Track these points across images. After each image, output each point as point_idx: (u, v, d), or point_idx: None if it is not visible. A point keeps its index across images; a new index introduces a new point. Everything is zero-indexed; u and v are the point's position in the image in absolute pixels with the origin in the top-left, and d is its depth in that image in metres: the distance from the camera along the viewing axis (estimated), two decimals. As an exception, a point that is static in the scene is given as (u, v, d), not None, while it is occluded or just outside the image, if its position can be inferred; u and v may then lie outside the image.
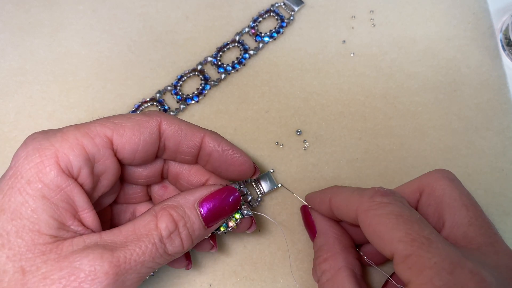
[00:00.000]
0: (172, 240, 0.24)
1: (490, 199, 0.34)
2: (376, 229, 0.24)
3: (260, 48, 0.38)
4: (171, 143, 0.27)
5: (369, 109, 0.36)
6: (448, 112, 0.36)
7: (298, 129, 0.36)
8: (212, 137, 0.27)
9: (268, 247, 0.32)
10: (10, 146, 0.35)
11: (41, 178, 0.22)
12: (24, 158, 0.22)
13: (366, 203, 0.25)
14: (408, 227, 0.23)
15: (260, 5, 0.40)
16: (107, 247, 0.22)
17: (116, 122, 0.25)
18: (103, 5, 0.40)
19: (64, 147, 0.23)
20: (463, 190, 0.25)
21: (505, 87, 0.37)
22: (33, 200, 0.22)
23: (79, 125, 0.24)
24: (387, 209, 0.24)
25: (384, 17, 0.40)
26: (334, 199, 0.28)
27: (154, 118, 0.26)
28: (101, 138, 0.24)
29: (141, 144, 0.25)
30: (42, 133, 0.24)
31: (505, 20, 0.40)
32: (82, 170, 0.23)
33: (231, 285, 0.31)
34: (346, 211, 0.26)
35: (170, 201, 0.26)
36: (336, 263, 0.27)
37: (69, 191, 0.23)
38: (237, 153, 0.28)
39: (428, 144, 0.35)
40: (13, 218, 0.22)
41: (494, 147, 0.35)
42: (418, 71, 0.38)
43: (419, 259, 0.21)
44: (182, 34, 0.39)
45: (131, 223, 0.24)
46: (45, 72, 0.37)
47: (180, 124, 0.27)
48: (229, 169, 0.28)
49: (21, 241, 0.22)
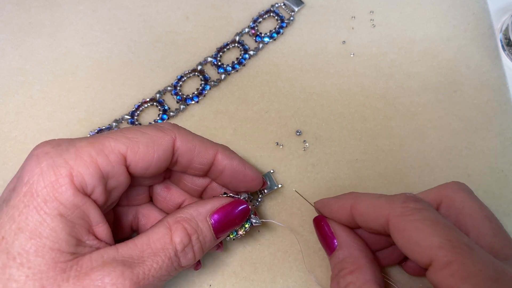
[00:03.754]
0: (186, 253, 0.25)
1: (489, 200, 0.34)
2: (412, 235, 0.23)
3: (260, 48, 0.38)
4: (184, 159, 0.27)
5: (369, 109, 0.36)
6: (448, 113, 0.36)
7: (298, 129, 0.36)
8: (225, 154, 0.27)
9: (267, 247, 0.32)
10: (10, 146, 0.35)
11: (57, 197, 0.22)
12: (38, 175, 0.22)
13: (398, 209, 0.24)
14: (447, 233, 0.22)
15: (260, 5, 0.40)
16: (126, 263, 0.23)
17: (130, 138, 0.24)
18: (103, 6, 0.40)
19: (78, 165, 0.23)
20: (482, 203, 0.25)
21: (505, 88, 0.37)
22: (51, 219, 0.22)
23: (92, 140, 0.24)
24: (423, 214, 0.23)
25: (384, 18, 0.40)
26: (358, 205, 0.26)
27: (168, 134, 0.26)
28: (115, 155, 0.24)
29: (154, 161, 0.25)
30: (54, 146, 0.23)
31: (505, 20, 0.40)
32: (96, 188, 0.23)
33: (230, 285, 0.31)
34: (374, 218, 0.25)
35: (183, 213, 0.26)
36: (363, 276, 0.26)
37: (85, 208, 0.23)
38: (249, 169, 0.29)
39: (427, 145, 0.35)
40: (31, 237, 0.21)
41: (494, 147, 0.35)
42: (418, 72, 0.38)
43: (462, 266, 0.21)
44: (182, 35, 0.39)
45: (145, 236, 0.24)
46: (45, 72, 0.37)
47: (193, 140, 0.26)
48: (239, 185, 0.29)
49: (41, 259, 0.22)
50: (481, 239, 0.24)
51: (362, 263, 0.26)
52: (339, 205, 0.28)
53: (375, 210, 0.25)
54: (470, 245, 0.22)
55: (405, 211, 0.24)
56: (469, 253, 0.21)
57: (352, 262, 0.27)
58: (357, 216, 0.26)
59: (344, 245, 0.28)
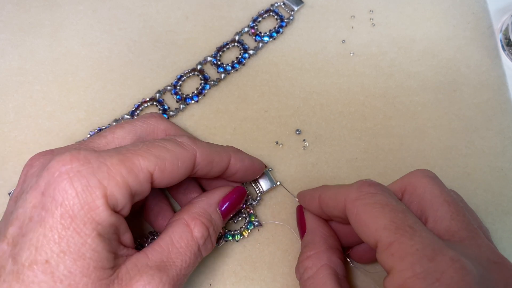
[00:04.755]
0: (206, 245, 0.27)
1: (489, 199, 0.34)
2: (362, 218, 0.24)
3: (259, 48, 0.38)
4: (202, 171, 0.28)
5: (369, 108, 0.36)
6: (448, 112, 0.36)
7: (298, 128, 0.36)
8: (237, 157, 0.30)
9: (267, 246, 0.32)
10: (10, 146, 0.35)
11: (95, 218, 0.22)
12: (74, 197, 0.22)
13: (354, 193, 0.25)
14: (393, 215, 0.23)
15: (260, 5, 0.40)
16: (160, 268, 0.24)
17: (158, 156, 0.25)
18: (103, 6, 0.40)
19: (112, 186, 0.23)
20: (444, 188, 0.26)
21: (505, 87, 0.37)
22: (92, 240, 0.22)
23: (122, 158, 0.24)
24: (374, 198, 0.25)
25: (383, 17, 0.40)
26: (323, 195, 0.28)
27: (190, 151, 0.27)
28: (144, 174, 0.24)
29: (177, 177, 0.26)
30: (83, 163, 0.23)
31: (505, 20, 0.40)
32: (126, 206, 0.24)
33: (230, 284, 0.31)
34: (335, 205, 0.27)
35: (195, 208, 0.28)
36: (319, 261, 0.27)
37: (117, 224, 0.24)
38: (257, 163, 0.32)
39: (427, 144, 0.35)
40: (76, 259, 0.22)
41: (494, 147, 0.35)
42: (418, 71, 0.38)
43: (401, 246, 0.22)
44: (182, 34, 0.39)
45: (167, 236, 0.26)
46: (45, 72, 0.37)
47: (211, 153, 0.28)
48: (248, 178, 0.32)
49: (87, 279, 0.22)
50: (439, 222, 0.24)
51: (320, 249, 0.28)
52: (310, 196, 0.30)
53: (335, 198, 0.27)
54: (413, 226, 0.23)
55: (359, 195, 0.25)
56: (410, 234, 0.22)
57: (311, 247, 0.28)
58: (323, 205, 0.28)
59: (310, 231, 0.30)
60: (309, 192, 0.30)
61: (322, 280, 0.26)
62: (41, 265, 0.21)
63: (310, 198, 0.30)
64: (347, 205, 0.25)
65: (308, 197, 0.30)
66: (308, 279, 0.27)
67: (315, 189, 0.30)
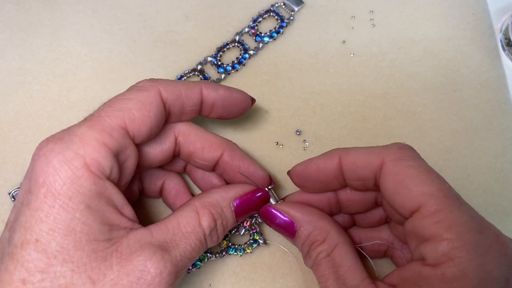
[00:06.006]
0: (212, 236, 0.27)
1: (489, 199, 0.34)
2: (405, 180, 0.23)
3: (260, 48, 0.38)
4: (175, 108, 0.27)
5: (369, 109, 0.36)
6: (448, 113, 0.36)
7: (298, 129, 0.36)
8: (209, 87, 0.28)
9: (267, 247, 0.32)
10: (10, 145, 0.35)
11: (80, 191, 0.22)
12: (53, 174, 0.22)
13: (395, 154, 0.24)
14: (440, 183, 0.23)
15: (260, 5, 0.40)
16: (163, 247, 0.24)
17: (122, 108, 0.25)
18: (103, 5, 0.40)
19: (89, 153, 0.23)
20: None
21: (505, 88, 0.37)
22: (81, 214, 0.22)
23: (89, 123, 0.24)
24: (418, 162, 0.24)
25: (384, 17, 0.40)
26: (349, 155, 0.26)
27: (152, 90, 0.26)
28: (117, 131, 0.24)
29: (152, 121, 0.25)
30: (57, 141, 0.23)
31: (505, 20, 0.40)
32: (113, 168, 0.23)
33: (230, 285, 0.31)
34: (366, 165, 0.25)
35: (209, 198, 0.27)
36: (333, 241, 0.27)
37: (108, 193, 0.23)
38: (236, 93, 0.30)
39: (427, 144, 0.35)
40: (66, 235, 0.22)
41: (494, 147, 0.35)
42: (418, 71, 0.38)
43: (450, 215, 0.22)
44: (182, 34, 0.39)
45: (175, 218, 0.26)
46: (45, 72, 0.37)
47: (177, 86, 0.27)
48: (232, 111, 0.30)
49: (81, 252, 0.22)
50: None
51: (328, 230, 0.27)
52: (325, 158, 0.27)
53: (368, 156, 0.25)
54: (459, 198, 0.23)
55: (402, 156, 0.24)
56: (458, 205, 0.22)
57: (319, 232, 0.27)
58: (347, 165, 0.26)
59: (304, 222, 0.28)
60: (321, 157, 0.27)
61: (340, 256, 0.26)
62: (32, 244, 0.21)
63: (326, 163, 0.27)
64: (386, 164, 0.24)
65: (322, 161, 0.27)
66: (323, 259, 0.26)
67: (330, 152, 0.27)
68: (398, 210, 0.24)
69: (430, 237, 0.22)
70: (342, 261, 0.26)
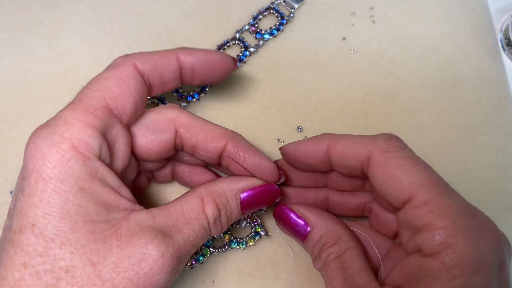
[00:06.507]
0: (215, 225, 0.26)
1: (490, 195, 0.34)
2: (393, 171, 0.23)
3: (260, 45, 0.38)
4: (155, 78, 0.27)
5: (370, 105, 0.37)
6: (448, 109, 0.36)
7: (299, 126, 0.36)
8: (185, 52, 0.28)
9: (270, 243, 0.32)
10: (11, 145, 0.35)
11: (71, 173, 0.22)
12: (42, 159, 0.22)
13: (382, 145, 0.24)
14: (429, 172, 0.23)
15: (260, 2, 0.40)
16: (165, 232, 0.23)
17: (99, 88, 0.25)
18: (103, 5, 0.40)
19: (76, 134, 0.23)
20: None
21: (505, 83, 0.37)
22: (74, 196, 0.22)
23: (72, 106, 0.24)
24: (406, 152, 0.24)
25: (384, 14, 0.40)
26: (337, 143, 0.26)
27: (127, 64, 0.26)
28: (101, 110, 0.24)
29: (134, 95, 0.25)
30: (44, 127, 0.23)
31: (505, 20, 0.40)
32: (103, 147, 0.23)
33: (233, 281, 0.31)
34: (354, 155, 0.25)
35: (215, 186, 0.27)
36: (344, 244, 0.27)
37: (100, 174, 0.23)
38: (215, 54, 0.29)
39: (428, 140, 0.35)
40: (62, 217, 0.22)
41: (494, 143, 0.35)
42: (418, 68, 0.38)
43: (442, 203, 0.22)
44: (182, 33, 0.39)
45: (179, 203, 0.25)
46: (45, 72, 0.37)
47: (152, 56, 0.27)
48: (215, 73, 0.30)
49: (79, 234, 0.22)
50: None
51: (340, 233, 0.27)
52: (314, 144, 0.27)
53: (356, 147, 0.25)
54: (448, 186, 0.23)
55: (389, 147, 0.24)
56: (448, 193, 0.23)
57: (331, 235, 0.27)
58: (335, 153, 0.26)
59: (318, 225, 0.28)
60: (310, 141, 0.27)
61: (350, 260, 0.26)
62: (29, 229, 0.22)
63: (314, 146, 0.27)
64: (373, 156, 0.24)
65: (310, 146, 0.27)
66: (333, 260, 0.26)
67: (318, 137, 0.27)
68: (389, 201, 0.24)
69: (424, 227, 0.22)
70: (351, 263, 0.26)
